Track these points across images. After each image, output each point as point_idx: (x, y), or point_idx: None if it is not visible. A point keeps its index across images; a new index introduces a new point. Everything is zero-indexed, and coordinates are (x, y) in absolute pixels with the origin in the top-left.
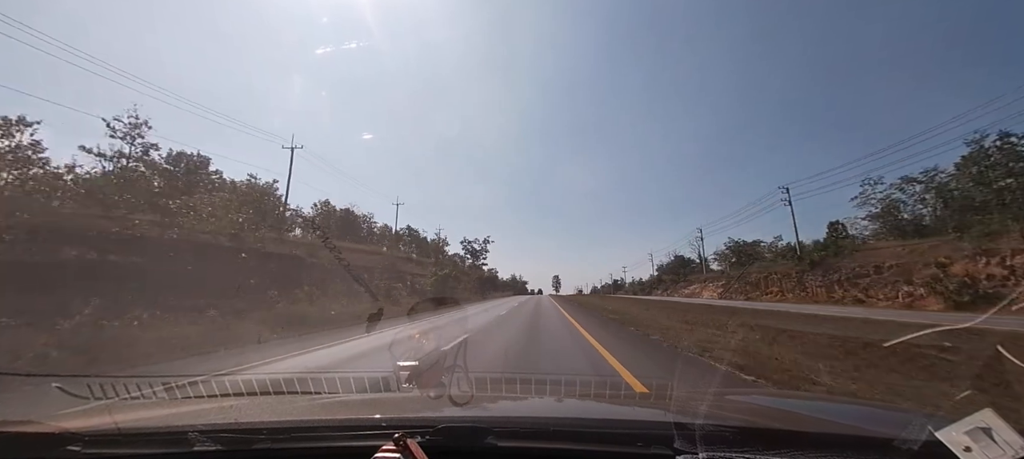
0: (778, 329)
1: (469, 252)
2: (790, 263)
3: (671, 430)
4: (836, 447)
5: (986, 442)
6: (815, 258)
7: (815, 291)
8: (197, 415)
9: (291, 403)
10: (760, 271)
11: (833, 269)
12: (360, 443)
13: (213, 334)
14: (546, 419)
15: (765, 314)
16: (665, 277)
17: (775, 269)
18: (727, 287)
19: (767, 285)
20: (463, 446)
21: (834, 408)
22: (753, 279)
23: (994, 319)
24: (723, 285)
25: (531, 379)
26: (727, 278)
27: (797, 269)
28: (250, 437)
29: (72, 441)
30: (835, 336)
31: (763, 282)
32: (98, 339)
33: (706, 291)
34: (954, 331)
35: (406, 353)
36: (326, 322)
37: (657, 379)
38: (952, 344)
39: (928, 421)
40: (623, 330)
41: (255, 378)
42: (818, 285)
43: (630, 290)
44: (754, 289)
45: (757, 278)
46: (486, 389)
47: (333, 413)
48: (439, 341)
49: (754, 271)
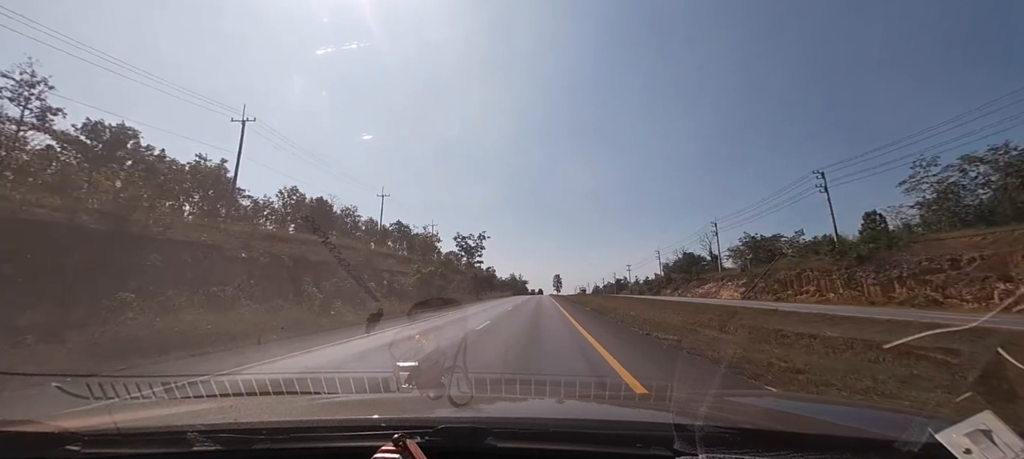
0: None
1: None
2: (826, 258)
3: (671, 431)
4: (836, 448)
5: (986, 444)
6: (863, 252)
7: (869, 290)
8: (197, 415)
9: (290, 403)
10: (790, 267)
11: (889, 264)
12: (360, 443)
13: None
14: (546, 420)
15: (841, 321)
16: (675, 276)
17: (809, 265)
18: (750, 286)
19: (801, 283)
20: (462, 447)
21: (834, 410)
22: (782, 277)
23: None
24: (745, 284)
25: (531, 380)
26: (749, 276)
27: (839, 265)
28: (250, 437)
29: (72, 441)
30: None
31: (794, 280)
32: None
33: (724, 291)
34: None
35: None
36: (191, 344)
37: (657, 380)
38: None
39: (928, 423)
40: (658, 348)
41: (255, 378)
42: (872, 282)
43: (635, 290)
44: (784, 288)
45: (787, 276)
46: (485, 390)
47: (332, 413)
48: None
49: (782, 267)
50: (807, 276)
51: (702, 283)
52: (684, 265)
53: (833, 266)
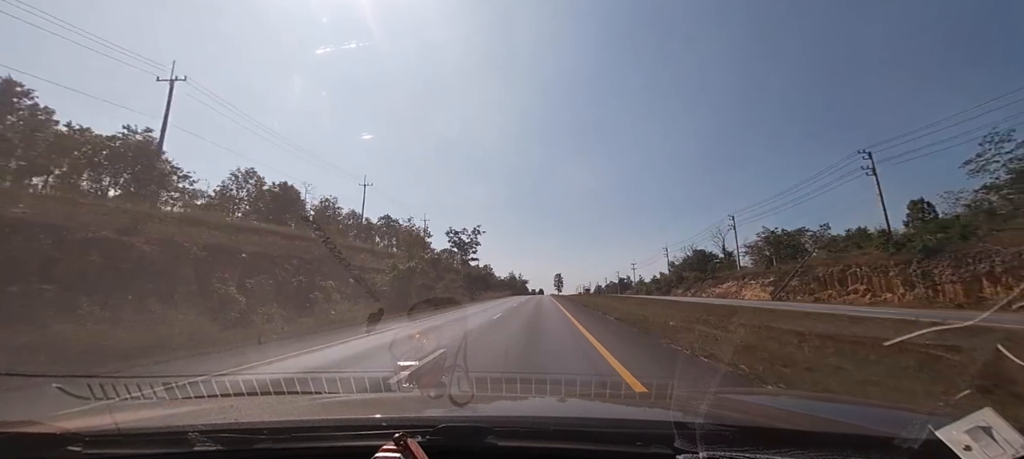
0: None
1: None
2: (875, 252)
3: (671, 429)
4: (837, 446)
5: (986, 441)
6: (930, 243)
7: (946, 289)
8: (197, 415)
9: (291, 403)
10: (829, 263)
11: (971, 257)
12: (360, 443)
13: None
14: (546, 419)
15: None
16: (687, 274)
17: (855, 260)
18: (779, 285)
19: (846, 281)
20: (463, 446)
21: (835, 407)
22: (820, 274)
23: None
24: (773, 282)
25: (531, 379)
26: (778, 274)
27: (897, 260)
28: (250, 437)
29: (73, 441)
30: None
31: (835, 278)
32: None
33: (747, 290)
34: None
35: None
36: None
37: (658, 378)
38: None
39: (928, 420)
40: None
41: (255, 378)
42: (951, 279)
43: (641, 289)
44: (822, 287)
45: (826, 273)
46: (486, 389)
47: (333, 413)
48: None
49: (819, 263)
50: (854, 273)
51: (719, 282)
52: (695, 263)
53: (888, 261)
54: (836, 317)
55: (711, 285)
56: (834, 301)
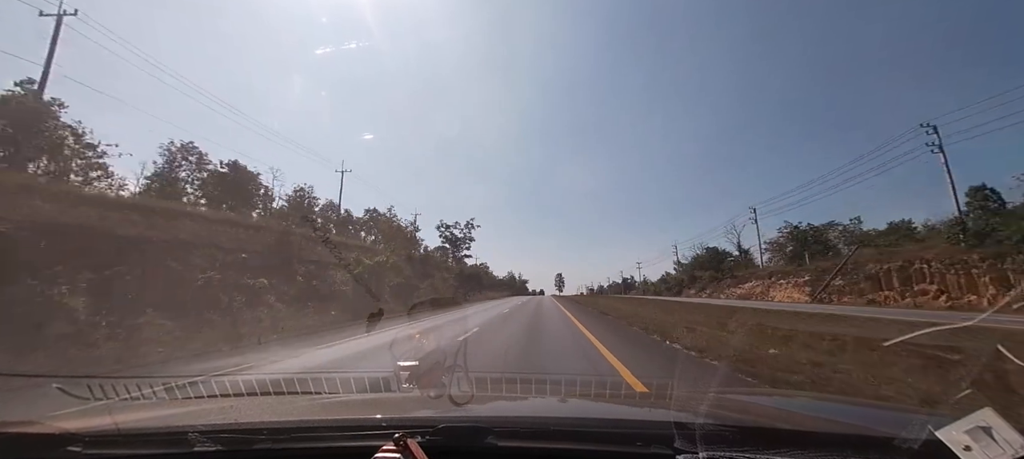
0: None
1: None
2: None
3: (671, 429)
4: (836, 446)
5: (986, 441)
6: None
7: None
8: (197, 415)
9: (291, 403)
10: (881, 260)
11: None
12: (360, 443)
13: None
14: (546, 419)
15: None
16: (700, 273)
17: (920, 256)
18: (819, 284)
19: (913, 280)
20: (463, 446)
21: (834, 408)
22: (872, 272)
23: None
24: (810, 282)
25: (531, 379)
26: (814, 272)
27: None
28: (250, 437)
29: (72, 441)
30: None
31: (894, 276)
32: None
33: (777, 291)
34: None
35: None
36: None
37: (657, 379)
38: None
39: (928, 420)
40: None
41: (255, 378)
42: None
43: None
44: (876, 287)
45: (880, 270)
46: (486, 389)
47: (333, 413)
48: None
49: (869, 259)
50: (919, 271)
51: (739, 282)
52: (708, 261)
53: (969, 256)
54: (989, 328)
55: (730, 285)
56: (897, 305)
